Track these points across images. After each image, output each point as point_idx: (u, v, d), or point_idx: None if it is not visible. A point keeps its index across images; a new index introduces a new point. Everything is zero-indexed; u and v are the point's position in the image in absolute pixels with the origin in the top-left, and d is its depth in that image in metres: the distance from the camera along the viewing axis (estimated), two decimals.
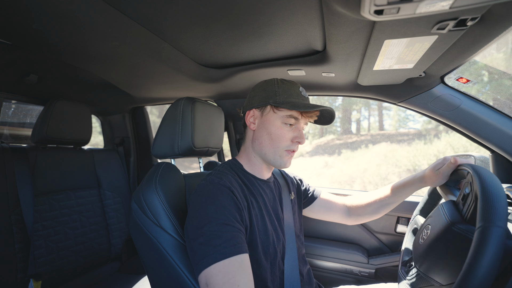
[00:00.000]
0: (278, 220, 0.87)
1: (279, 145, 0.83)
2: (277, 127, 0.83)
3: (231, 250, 0.62)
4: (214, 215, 0.66)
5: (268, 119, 0.84)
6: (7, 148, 1.42)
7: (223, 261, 0.60)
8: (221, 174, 0.80)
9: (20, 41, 0.97)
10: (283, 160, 0.84)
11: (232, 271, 0.60)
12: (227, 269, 0.60)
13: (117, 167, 1.98)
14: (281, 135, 0.83)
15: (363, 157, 10.75)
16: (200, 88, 1.51)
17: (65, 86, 1.61)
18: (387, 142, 11.32)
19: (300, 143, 0.84)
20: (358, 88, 1.32)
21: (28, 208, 1.36)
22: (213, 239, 0.63)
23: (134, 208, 0.85)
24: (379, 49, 0.81)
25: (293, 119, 0.83)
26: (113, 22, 0.81)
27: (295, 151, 0.86)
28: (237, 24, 0.86)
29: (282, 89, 0.85)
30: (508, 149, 1.07)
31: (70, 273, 1.53)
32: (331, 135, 15.99)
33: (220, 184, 0.73)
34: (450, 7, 0.51)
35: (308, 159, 13.25)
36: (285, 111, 0.82)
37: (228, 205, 0.69)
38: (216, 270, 0.60)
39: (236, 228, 0.67)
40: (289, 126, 0.83)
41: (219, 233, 0.64)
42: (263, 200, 0.85)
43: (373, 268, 1.46)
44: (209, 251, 0.62)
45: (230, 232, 0.65)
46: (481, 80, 3.88)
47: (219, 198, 0.70)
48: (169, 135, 0.98)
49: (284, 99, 0.83)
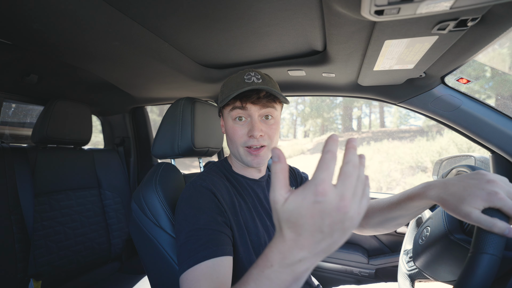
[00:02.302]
0: (271, 220, 0.85)
1: (235, 143, 0.80)
2: (229, 126, 0.80)
3: (202, 255, 0.60)
4: (192, 219, 0.66)
5: (225, 121, 0.83)
6: (7, 148, 1.42)
7: (193, 268, 0.59)
8: (206, 175, 0.79)
9: (20, 41, 0.97)
10: (246, 158, 0.80)
11: (196, 278, 0.58)
12: (193, 276, 0.59)
13: (117, 167, 1.99)
14: (233, 133, 0.80)
15: (365, 154, 10.99)
16: (200, 88, 1.51)
17: (65, 86, 1.61)
18: (388, 139, 11.24)
19: (252, 137, 0.77)
20: (358, 89, 1.32)
21: (28, 208, 1.36)
22: (188, 243, 0.63)
23: (134, 208, 0.85)
24: (380, 49, 0.81)
25: (239, 109, 0.77)
26: (113, 22, 0.81)
27: (258, 147, 0.78)
28: (237, 24, 0.86)
29: (225, 85, 0.82)
30: (508, 149, 1.07)
31: (70, 273, 1.53)
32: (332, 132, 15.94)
33: (202, 186, 0.73)
34: (451, 7, 0.51)
35: (309, 156, 13.19)
36: (227, 107, 0.79)
37: (207, 208, 0.68)
38: (185, 278, 0.59)
39: (216, 230, 0.66)
40: (239, 120, 0.79)
41: (194, 238, 0.63)
42: (253, 200, 0.84)
43: (373, 269, 1.46)
44: (184, 257, 0.61)
45: (207, 236, 0.64)
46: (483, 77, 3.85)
47: (199, 201, 0.70)
48: (169, 135, 0.98)
49: (225, 96, 0.78)
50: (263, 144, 0.79)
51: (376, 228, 0.84)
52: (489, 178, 0.53)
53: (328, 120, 16.43)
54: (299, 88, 1.44)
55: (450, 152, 1.30)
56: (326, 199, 0.33)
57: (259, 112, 0.78)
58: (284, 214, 0.36)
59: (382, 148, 10.46)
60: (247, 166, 0.84)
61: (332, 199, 0.33)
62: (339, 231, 0.35)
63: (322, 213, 0.33)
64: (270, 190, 0.38)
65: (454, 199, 0.54)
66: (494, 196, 0.49)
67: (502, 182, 0.52)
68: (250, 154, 0.79)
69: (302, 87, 1.42)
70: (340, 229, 0.35)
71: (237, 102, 0.77)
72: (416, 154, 8.60)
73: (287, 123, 19.77)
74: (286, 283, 0.38)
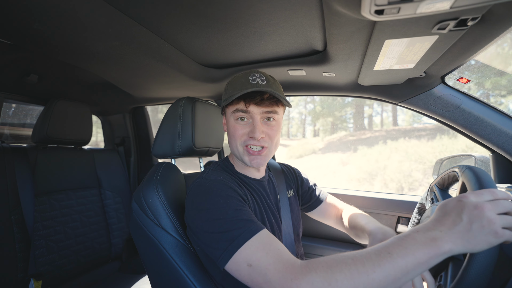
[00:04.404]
0: (276, 219, 0.86)
1: (235, 142, 0.81)
2: (231, 125, 0.81)
3: (255, 227, 0.62)
4: (225, 205, 0.66)
5: (227, 120, 0.84)
6: (7, 148, 1.42)
7: (254, 238, 0.59)
8: (215, 172, 0.80)
9: (20, 41, 0.97)
10: (246, 158, 0.80)
11: (267, 242, 0.60)
12: (263, 242, 0.59)
13: (118, 167, 1.99)
14: (234, 132, 0.80)
15: (382, 154, 10.29)
16: (201, 88, 1.51)
17: (65, 86, 1.61)
18: (405, 138, 10.93)
19: (253, 138, 0.78)
20: (358, 88, 1.32)
21: (29, 207, 1.37)
22: (234, 223, 0.62)
23: (135, 208, 0.85)
24: (380, 49, 0.81)
25: (241, 112, 0.78)
26: (113, 22, 0.81)
27: (261, 149, 0.80)
28: (237, 24, 0.86)
29: (230, 85, 0.82)
30: (509, 149, 1.07)
31: (70, 273, 1.53)
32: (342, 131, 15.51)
33: (218, 180, 0.74)
34: (451, 7, 0.51)
35: (320, 156, 12.93)
36: (230, 106, 0.80)
37: (233, 194, 0.70)
38: (253, 247, 0.58)
39: (249, 211, 0.68)
40: (241, 120, 0.80)
41: (238, 217, 0.63)
42: (260, 197, 0.84)
43: None
44: (234, 234, 0.60)
45: (247, 214, 0.65)
46: None
47: (223, 190, 0.70)
48: (169, 135, 0.98)
49: (229, 95, 0.79)
50: (263, 145, 0.80)
51: (355, 238, 0.97)
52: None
53: (339, 119, 16.16)
54: (299, 88, 1.44)
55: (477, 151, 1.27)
56: (467, 200, 0.50)
57: (261, 114, 0.79)
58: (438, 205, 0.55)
59: (400, 146, 10.20)
60: (248, 165, 0.84)
61: (472, 200, 0.50)
62: (477, 224, 0.47)
63: (463, 206, 0.49)
64: None
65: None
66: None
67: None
68: (249, 154, 0.80)
69: (302, 86, 1.42)
70: (478, 224, 0.47)
71: (241, 103, 0.77)
72: (440, 154, 8.34)
73: (296, 122, 19.54)
74: (419, 258, 0.47)
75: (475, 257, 0.49)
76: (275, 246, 0.59)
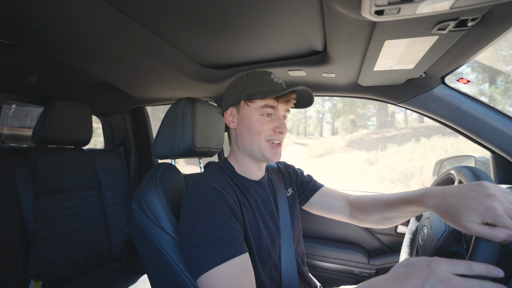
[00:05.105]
0: (274, 221, 0.86)
1: (259, 137, 0.81)
2: (255, 120, 0.81)
3: (232, 252, 0.62)
4: (210, 218, 0.66)
5: (245, 114, 0.82)
6: (7, 149, 1.42)
7: (225, 264, 0.60)
8: (211, 176, 0.79)
9: (20, 41, 0.97)
10: (268, 153, 0.81)
11: (235, 273, 0.60)
12: (230, 271, 0.60)
13: (118, 167, 1.99)
14: (260, 127, 0.80)
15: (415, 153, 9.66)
16: (201, 88, 1.51)
17: (65, 86, 1.61)
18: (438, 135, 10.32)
19: (281, 133, 0.81)
20: (358, 89, 1.32)
21: (29, 208, 1.36)
22: (213, 242, 0.63)
23: (134, 208, 0.84)
24: (380, 49, 0.81)
25: (270, 108, 0.80)
26: (113, 22, 0.81)
27: (280, 142, 0.83)
28: (237, 25, 0.86)
29: (252, 80, 0.83)
30: (509, 149, 1.07)
31: (70, 273, 1.53)
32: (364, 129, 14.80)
33: (211, 187, 0.73)
34: (451, 7, 0.51)
35: (343, 155, 12.41)
36: (258, 101, 0.80)
37: (222, 207, 0.69)
38: (219, 274, 0.59)
39: (234, 229, 0.67)
40: (267, 116, 0.81)
41: (218, 236, 0.64)
42: (256, 201, 0.84)
43: (374, 269, 1.45)
44: (209, 254, 0.61)
45: (228, 234, 0.65)
46: None
47: (212, 201, 0.70)
48: (169, 135, 0.98)
49: (255, 89, 0.80)
50: (282, 140, 0.84)
51: (374, 224, 0.93)
52: (490, 192, 0.52)
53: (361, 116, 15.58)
54: None
55: None
56: (437, 269, 0.47)
57: (284, 111, 0.84)
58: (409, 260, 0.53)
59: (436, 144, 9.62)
60: (262, 161, 0.86)
61: (442, 270, 0.47)
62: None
63: (430, 274, 0.47)
64: None
65: (452, 211, 0.54)
66: (491, 212, 0.49)
67: (503, 197, 0.51)
68: (273, 149, 0.82)
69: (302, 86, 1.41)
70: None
71: (271, 99, 0.80)
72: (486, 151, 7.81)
73: (314, 120, 19.08)
74: None
75: (477, 252, 0.49)
76: (239, 282, 0.59)
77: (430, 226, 0.73)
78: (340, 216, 1.01)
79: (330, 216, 1.05)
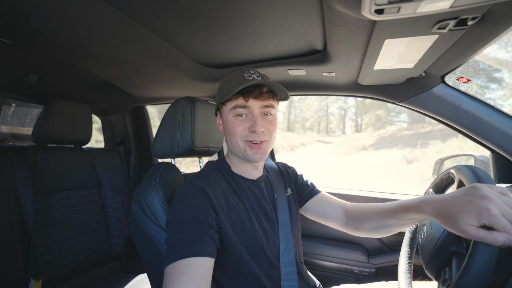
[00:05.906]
0: (269, 220, 0.85)
1: (235, 138, 0.80)
2: (230, 122, 0.81)
3: (183, 253, 0.62)
4: (179, 217, 0.68)
5: (224, 118, 0.84)
6: (7, 148, 1.42)
7: (173, 264, 0.61)
8: (202, 175, 0.79)
9: (20, 41, 0.97)
10: (248, 153, 0.80)
11: (173, 275, 0.60)
12: (173, 272, 0.60)
13: (118, 166, 1.99)
14: (234, 129, 0.80)
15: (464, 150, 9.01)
16: (200, 87, 1.51)
17: (65, 85, 1.61)
18: None
19: (254, 132, 0.78)
20: (358, 88, 1.32)
21: (29, 207, 1.37)
22: (172, 239, 0.66)
23: (134, 208, 0.85)
24: (380, 48, 0.81)
25: (240, 108, 0.78)
26: (113, 21, 0.81)
27: (259, 142, 0.80)
28: (237, 23, 0.86)
29: (225, 83, 0.83)
30: (509, 148, 1.07)
31: (70, 272, 1.53)
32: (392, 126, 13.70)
33: (196, 186, 0.74)
34: (451, 6, 0.51)
35: (373, 153, 11.47)
36: (229, 103, 0.80)
37: (197, 207, 0.69)
38: (166, 272, 0.62)
39: (199, 230, 0.66)
40: (240, 116, 0.80)
41: (178, 235, 0.65)
42: (250, 201, 0.84)
43: (374, 268, 1.46)
44: (168, 251, 0.64)
45: (189, 234, 0.65)
46: None
47: (190, 200, 0.71)
48: (169, 134, 0.98)
49: (226, 92, 0.80)
50: (263, 140, 0.81)
51: (370, 232, 0.88)
52: (483, 193, 0.52)
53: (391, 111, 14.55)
54: (299, 88, 1.44)
55: None
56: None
57: (260, 108, 0.80)
58: None
59: None
60: (248, 161, 0.84)
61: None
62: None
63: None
64: None
65: (449, 216, 0.54)
66: (486, 213, 0.49)
67: (497, 197, 0.51)
68: (252, 148, 0.80)
69: (302, 86, 1.42)
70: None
71: (239, 98, 0.78)
72: None
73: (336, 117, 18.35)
74: None
75: (478, 249, 0.49)
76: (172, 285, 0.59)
77: (430, 225, 0.73)
78: (334, 224, 0.99)
79: (324, 222, 1.03)
